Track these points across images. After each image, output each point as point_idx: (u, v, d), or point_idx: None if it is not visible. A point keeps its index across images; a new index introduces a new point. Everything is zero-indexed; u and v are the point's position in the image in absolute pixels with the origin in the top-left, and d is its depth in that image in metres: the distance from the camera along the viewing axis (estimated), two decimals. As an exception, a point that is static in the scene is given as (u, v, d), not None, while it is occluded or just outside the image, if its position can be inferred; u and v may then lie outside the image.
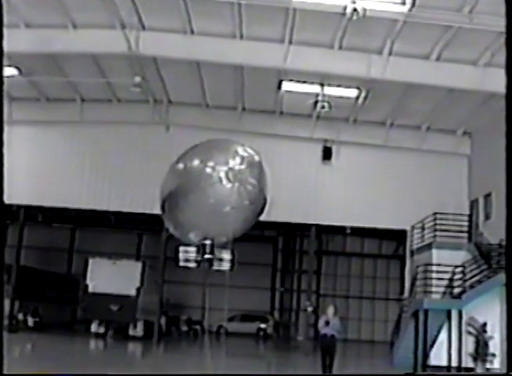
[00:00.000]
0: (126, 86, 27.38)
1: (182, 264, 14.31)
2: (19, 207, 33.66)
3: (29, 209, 34.75)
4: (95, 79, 28.76)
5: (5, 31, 20.49)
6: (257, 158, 12.90)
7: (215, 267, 14.20)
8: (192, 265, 14.22)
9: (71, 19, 24.07)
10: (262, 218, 13.69)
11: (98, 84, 29.68)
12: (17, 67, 26.92)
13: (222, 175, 12.02)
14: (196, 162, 12.75)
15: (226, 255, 14.37)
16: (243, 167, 12.30)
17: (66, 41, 24.75)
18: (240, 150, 12.75)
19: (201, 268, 14.49)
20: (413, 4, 20.35)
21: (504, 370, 5.39)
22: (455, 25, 21.80)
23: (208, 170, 12.22)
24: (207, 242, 13.61)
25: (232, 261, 14.51)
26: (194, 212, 12.88)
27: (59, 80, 29.12)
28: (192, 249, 14.11)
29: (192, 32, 24.32)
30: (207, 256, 13.71)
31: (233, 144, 13.38)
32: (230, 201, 12.11)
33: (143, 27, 24.33)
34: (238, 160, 12.40)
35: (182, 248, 14.30)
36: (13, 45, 24.01)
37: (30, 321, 34.76)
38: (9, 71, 26.78)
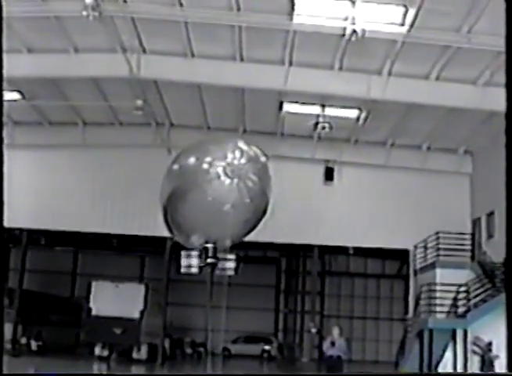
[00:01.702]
0: (128, 109, 27.51)
1: (183, 270, 13.71)
2: (21, 230, 33.68)
3: (32, 233, 34.75)
4: (96, 103, 28.91)
5: (7, 56, 20.66)
6: (259, 153, 12.29)
7: (218, 272, 13.60)
8: (194, 270, 13.58)
9: (73, 44, 24.26)
10: (265, 239, 13.45)
11: (100, 108, 29.84)
12: (19, 92, 27.11)
13: (220, 170, 11.44)
14: (191, 160, 12.16)
15: (230, 261, 13.72)
16: (242, 161, 11.65)
17: (67, 66, 24.94)
18: (240, 144, 12.11)
19: (204, 288, 14.22)
20: (412, 25, 20.52)
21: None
22: (454, 45, 21.94)
23: (205, 166, 11.61)
24: (209, 245, 13.04)
25: (236, 266, 13.81)
26: (193, 212, 12.32)
27: (61, 104, 29.29)
28: (195, 253, 13.48)
29: (192, 55, 24.50)
30: (209, 260, 13.11)
31: (232, 139, 13.00)
32: (229, 199, 11.53)
33: (144, 51, 24.50)
34: (237, 154, 11.71)
35: (183, 253, 13.67)
36: (15, 69, 24.25)
37: (34, 345, 34.60)
38: (11, 96, 26.99)
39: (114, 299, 33.22)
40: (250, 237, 19.96)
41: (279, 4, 20.48)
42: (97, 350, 33.51)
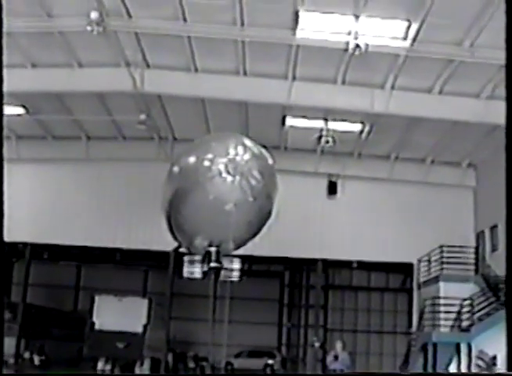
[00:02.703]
0: (131, 123, 27.62)
1: (186, 275, 13.26)
2: (25, 244, 33.68)
3: (35, 247, 34.74)
4: (100, 117, 29.03)
5: (12, 71, 20.78)
6: (264, 151, 11.78)
7: (223, 278, 13.10)
8: (197, 275, 13.11)
9: (77, 59, 24.39)
10: (269, 252, 13.17)
11: (103, 122, 29.94)
12: (24, 106, 27.23)
13: (222, 167, 10.87)
14: (192, 158, 11.65)
15: (235, 264, 13.32)
16: (245, 157, 11.08)
17: (71, 80, 25.05)
18: (244, 140, 11.65)
19: (208, 302, 14.07)
20: (414, 39, 20.60)
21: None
22: (456, 59, 22.02)
23: (206, 163, 11.05)
24: (212, 249, 12.45)
25: (241, 271, 13.31)
26: (195, 213, 11.79)
27: (65, 118, 29.42)
28: (198, 258, 13.00)
29: (196, 69, 24.60)
30: (213, 264, 12.51)
31: (236, 135, 12.46)
32: (232, 197, 10.93)
33: (148, 65, 24.62)
34: (240, 150, 11.15)
35: (186, 258, 13.23)
36: (20, 84, 24.44)
37: (36, 360, 34.49)
38: (15, 110, 27.14)
39: (117, 313, 33.16)
40: (254, 251, 20.00)
41: (282, 19, 20.58)
42: (100, 364, 33.40)
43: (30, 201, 31.79)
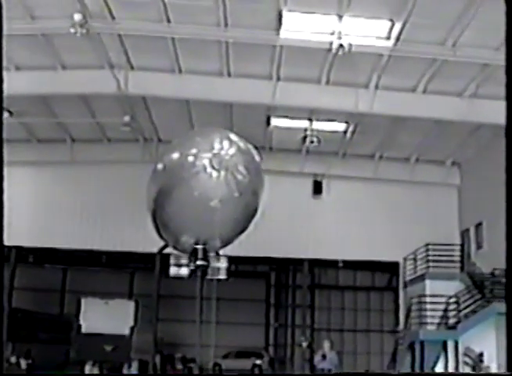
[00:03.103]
0: (116, 126, 27.60)
1: (172, 273, 12.96)
2: (9, 248, 33.48)
3: (20, 250, 34.54)
4: (85, 119, 28.95)
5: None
6: (251, 147, 11.62)
7: (210, 275, 12.86)
8: (184, 273, 12.82)
9: (60, 61, 24.27)
10: (254, 253, 13.06)
11: (88, 125, 29.86)
12: (7, 109, 27.05)
13: (206, 162, 10.60)
14: (176, 154, 11.44)
15: (221, 263, 13.07)
16: (230, 152, 10.85)
17: (55, 83, 24.96)
18: (229, 135, 11.46)
19: (195, 304, 14.02)
20: (398, 39, 20.71)
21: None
22: (439, 58, 22.14)
23: (190, 158, 10.80)
24: (199, 246, 12.22)
25: (228, 269, 13.06)
26: (180, 210, 11.56)
27: (50, 121, 29.30)
28: (184, 256, 12.75)
29: (180, 71, 24.57)
30: (199, 262, 12.26)
31: (221, 130, 12.10)
32: (217, 193, 10.69)
33: (132, 67, 24.56)
34: (226, 144, 10.91)
35: (172, 256, 12.97)
36: (4, 87, 24.28)
37: (23, 364, 34.26)
38: (-1, 114, 26.92)
39: (104, 316, 33.07)
40: (240, 252, 20.02)
41: (266, 19, 20.60)
42: (87, 368, 33.28)
43: (15, 204, 31.57)
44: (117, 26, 21.50)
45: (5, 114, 27.12)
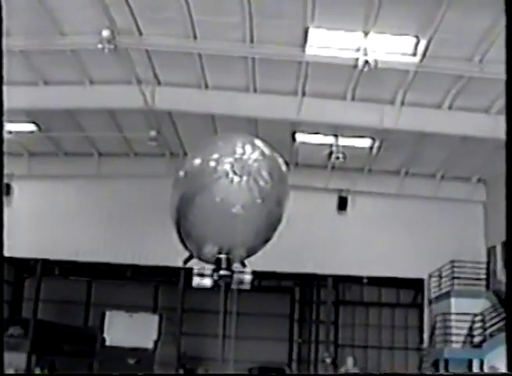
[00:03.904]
0: (142, 140, 27.82)
1: (196, 284, 12.57)
2: (36, 260, 33.85)
3: (46, 263, 34.87)
4: (111, 133, 29.23)
5: (24, 89, 21.04)
6: (276, 154, 11.19)
7: (234, 286, 12.49)
8: (207, 284, 12.41)
9: (88, 76, 24.58)
10: (279, 268, 12.84)
11: (114, 139, 30.14)
12: (36, 123, 27.49)
13: (228, 167, 10.34)
14: (197, 160, 11.18)
15: (246, 274, 12.63)
16: (253, 157, 10.47)
17: (83, 97, 25.25)
18: (254, 140, 11.11)
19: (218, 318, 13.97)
20: (424, 55, 20.69)
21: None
22: (466, 74, 22.09)
23: (212, 164, 10.53)
24: (222, 256, 11.87)
25: (252, 280, 12.59)
26: (201, 217, 11.29)
27: (77, 135, 29.64)
28: (208, 266, 12.35)
29: (206, 86, 24.74)
30: (222, 272, 11.92)
31: (244, 134, 11.90)
32: (238, 199, 10.36)
33: (159, 82, 24.79)
34: (248, 148, 10.55)
35: (196, 267, 12.61)
36: (32, 101, 24.78)
37: (47, 375, 34.55)
38: (27, 127, 27.44)
39: (128, 329, 33.22)
40: (264, 266, 20.02)
41: (291, 36, 20.73)
42: (110, 381, 33.44)
43: (42, 217, 32.01)
44: (145, 41, 21.78)
45: (33, 128, 27.60)
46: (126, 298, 42.85)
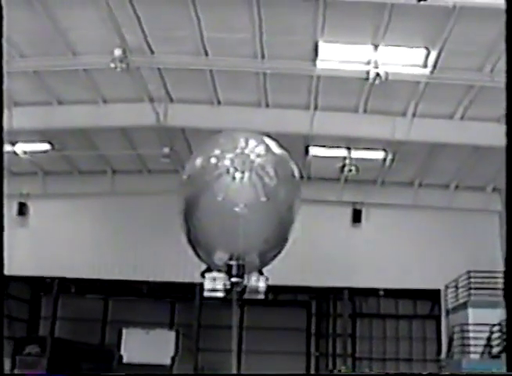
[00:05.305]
0: (155, 157, 27.95)
1: (207, 294, 11.99)
2: (52, 279, 33.97)
3: (62, 281, 34.99)
4: (125, 151, 29.36)
5: (39, 109, 21.33)
6: (284, 152, 10.63)
7: (247, 296, 12.01)
8: (219, 294, 11.80)
9: (101, 95, 24.80)
10: (295, 282, 12.41)
11: (128, 156, 30.28)
12: (50, 142, 27.71)
13: (228, 163, 9.57)
14: (199, 159, 10.47)
15: (260, 282, 11.98)
16: (257, 151, 9.80)
17: (96, 116, 25.47)
18: (258, 136, 10.54)
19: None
20: (434, 66, 20.76)
21: None
22: (477, 84, 22.11)
23: (213, 160, 9.77)
24: (233, 262, 11.02)
25: (266, 289, 11.98)
26: (206, 219, 10.54)
27: (91, 153, 29.82)
28: (220, 275, 11.65)
29: (218, 102, 24.91)
30: (234, 280, 11.16)
31: (250, 131, 11.18)
32: (241, 197, 9.55)
33: (171, 100, 24.96)
34: (252, 143, 9.89)
35: (207, 275, 11.90)
36: (46, 121, 25.03)
37: (66, 393, 34.57)
38: (42, 146, 27.72)
39: (145, 346, 33.25)
40: (279, 281, 20.00)
41: (302, 50, 20.86)
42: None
43: (58, 236, 32.17)
44: (156, 60, 21.96)
45: (48, 147, 27.84)
46: (142, 314, 42.88)
